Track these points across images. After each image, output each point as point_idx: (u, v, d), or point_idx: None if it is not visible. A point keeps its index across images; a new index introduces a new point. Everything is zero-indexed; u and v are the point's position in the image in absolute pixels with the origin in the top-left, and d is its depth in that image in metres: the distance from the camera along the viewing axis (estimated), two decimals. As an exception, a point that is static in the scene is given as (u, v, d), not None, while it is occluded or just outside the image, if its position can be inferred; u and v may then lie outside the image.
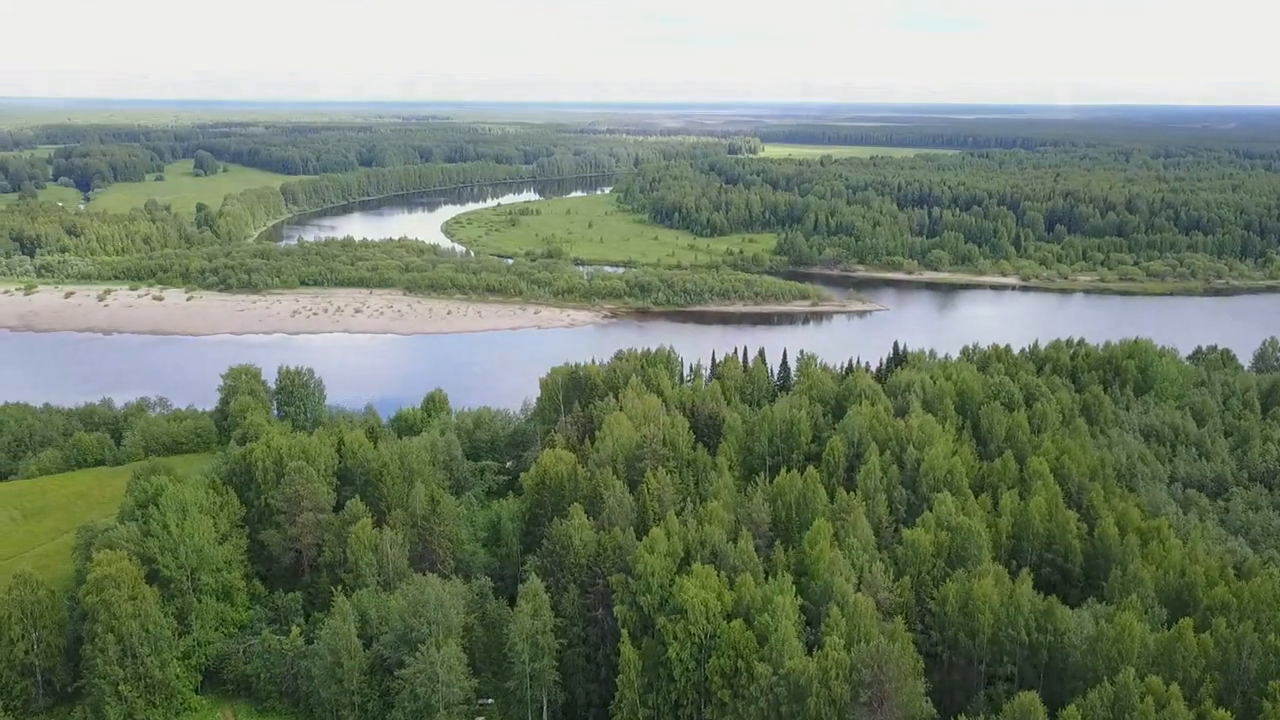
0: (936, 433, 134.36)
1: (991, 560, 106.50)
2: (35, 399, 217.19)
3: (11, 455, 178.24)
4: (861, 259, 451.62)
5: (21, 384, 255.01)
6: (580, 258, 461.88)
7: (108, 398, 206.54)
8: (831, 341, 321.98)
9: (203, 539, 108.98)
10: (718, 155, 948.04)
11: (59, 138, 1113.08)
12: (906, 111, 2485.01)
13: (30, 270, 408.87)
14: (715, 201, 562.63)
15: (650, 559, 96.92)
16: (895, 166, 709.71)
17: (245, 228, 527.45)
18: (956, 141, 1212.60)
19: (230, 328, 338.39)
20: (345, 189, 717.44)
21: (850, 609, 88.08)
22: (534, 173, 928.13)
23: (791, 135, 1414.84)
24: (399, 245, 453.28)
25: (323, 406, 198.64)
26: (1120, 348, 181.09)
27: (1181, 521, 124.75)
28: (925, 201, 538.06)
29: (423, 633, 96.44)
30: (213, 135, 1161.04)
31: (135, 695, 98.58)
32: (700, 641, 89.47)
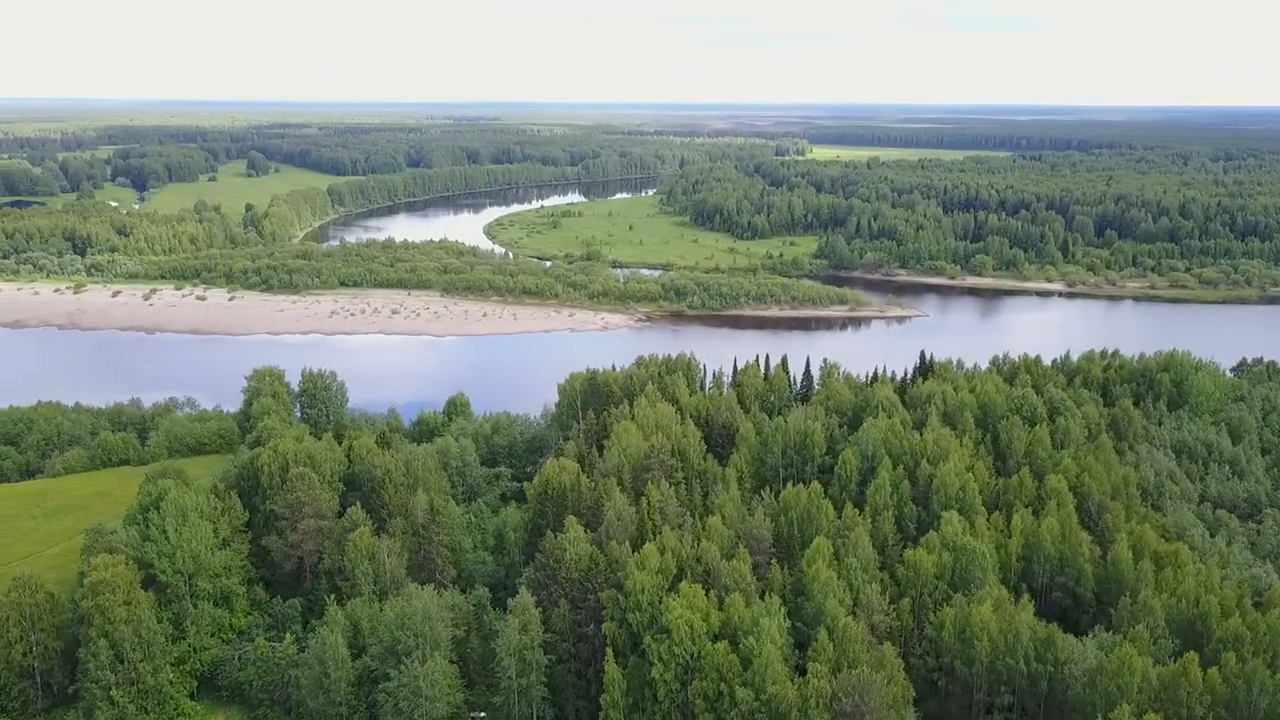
0: (952, 447, 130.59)
1: (998, 583, 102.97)
2: (71, 397, 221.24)
3: (40, 454, 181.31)
4: (903, 263, 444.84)
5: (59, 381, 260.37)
6: (618, 260, 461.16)
7: (136, 398, 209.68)
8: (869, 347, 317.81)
9: (200, 545, 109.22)
10: (764, 157, 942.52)
11: (120, 138, 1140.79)
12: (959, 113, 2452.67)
13: (81, 269, 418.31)
14: (757, 204, 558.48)
15: (640, 576, 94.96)
16: (943, 169, 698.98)
17: (290, 228, 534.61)
18: (1009, 143, 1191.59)
19: (268, 328, 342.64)
20: (391, 190, 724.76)
21: (839, 634, 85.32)
22: (579, 174, 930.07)
23: (841, 137, 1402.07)
24: (438, 247, 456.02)
25: (344, 409, 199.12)
26: (1155, 360, 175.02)
27: (1207, 545, 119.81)
28: (972, 205, 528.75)
29: (408, 645, 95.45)
30: (268, 136, 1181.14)
31: (127, 700, 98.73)
32: (685, 663, 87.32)
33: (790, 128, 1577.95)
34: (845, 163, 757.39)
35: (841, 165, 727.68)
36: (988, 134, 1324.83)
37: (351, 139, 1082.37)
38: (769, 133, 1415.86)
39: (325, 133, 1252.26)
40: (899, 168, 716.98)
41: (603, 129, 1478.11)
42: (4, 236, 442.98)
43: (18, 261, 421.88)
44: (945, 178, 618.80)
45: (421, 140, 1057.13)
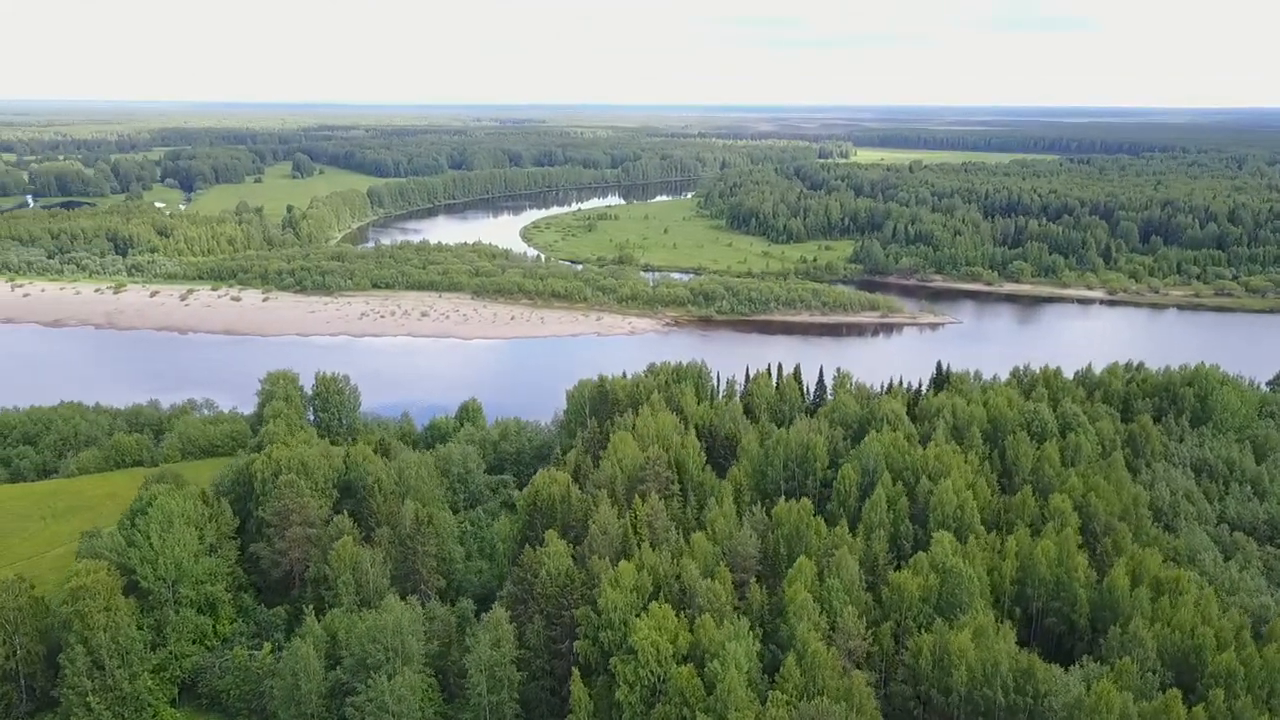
0: (954, 463, 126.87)
1: (987, 607, 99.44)
2: (97, 396, 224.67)
3: (57, 454, 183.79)
4: (939, 269, 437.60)
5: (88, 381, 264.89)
6: (650, 264, 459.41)
7: (154, 399, 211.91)
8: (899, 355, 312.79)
9: (183, 551, 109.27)
10: (806, 159, 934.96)
11: (173, 140, 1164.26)
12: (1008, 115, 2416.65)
13: (122, 269, 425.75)
14: (793, 207, 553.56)
15: (613, 593, 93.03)
16: (986, 173, 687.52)
17: (328, 230, 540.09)
18: (1058, 146, 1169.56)
19: (298, 329, 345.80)
20: (431, 192, 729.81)
21: (808, 659, 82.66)
22: (619, 177, 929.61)
23: (886, 139, 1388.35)
24: (471, 249, 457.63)
25: (357, 413, 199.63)
26: (1179, 373, 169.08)
27: (1218, 570, 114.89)
28: (1013, 210, 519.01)
29: (378, 659, 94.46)
30: (315, 138, 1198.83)
31: (103, 707, 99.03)
32: (651, 685, 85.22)
33: (835, 130, 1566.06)
34: (887, 166, 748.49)
35: (882, 169, 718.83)
36: (1037, 136, 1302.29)
37: (396, 141, 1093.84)
38: (813, 135, 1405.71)
39: (371, 134, 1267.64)
40: (941, 171, 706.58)
41: (646, 131, 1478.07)
42: (50, 237, 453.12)
43: (62, 261, 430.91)
44: (987, 181, 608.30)
45: (464, 143, 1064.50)
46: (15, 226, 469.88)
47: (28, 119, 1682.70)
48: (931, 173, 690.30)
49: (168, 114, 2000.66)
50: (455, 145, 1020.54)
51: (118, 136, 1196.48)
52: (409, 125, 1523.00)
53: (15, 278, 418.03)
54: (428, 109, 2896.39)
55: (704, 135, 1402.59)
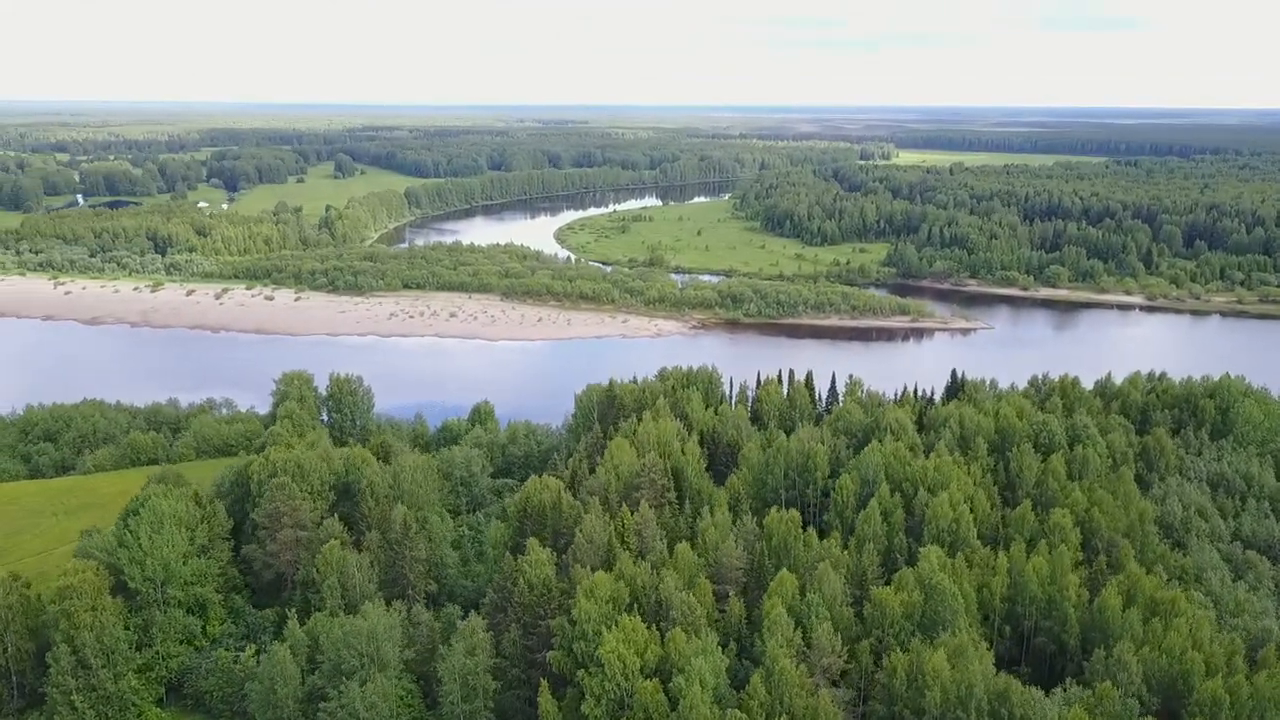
0: (954, 475, 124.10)
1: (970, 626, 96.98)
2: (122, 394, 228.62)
3: (75, 451, 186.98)
4: (974, 273, 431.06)
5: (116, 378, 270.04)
6: (681, 266, 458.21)
7: (174, 397, 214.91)
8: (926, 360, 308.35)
9: (172, 553, 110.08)
10: (847, 161, 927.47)
11: (221, 140, 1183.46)
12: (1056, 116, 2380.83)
13: (160, 268, 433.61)
14: (829, 209, 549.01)
15: (587, 604, 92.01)
16: (1028, 175, 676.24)
17: (364, 230, 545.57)
18: (1106, 148, 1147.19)
19: (328, 329, 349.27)
20: (468, 193, 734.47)
21: (775, 677, 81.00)
22: (656, 178, 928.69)
23: (930, 140, 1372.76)
24: (502, 251, 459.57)
25: (370, 415, 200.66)
26: (1201, 385, 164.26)
27: (1224, 590, 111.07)
28: (1054, 213, 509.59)
29: (352, 665, 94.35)
30: (359, 139, 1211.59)
31: (86, 706, 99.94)
32: (617, 699, 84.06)
33: (878, 131, 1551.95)
34: (927, 168, 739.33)
35: (922, 171, 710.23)
36: (1084, 138, 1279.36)
37: (438, 142, 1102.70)
38: (856, 136, 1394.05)
39: (415, 135, 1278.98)
40: (982, 174, 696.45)
41: (687, 132, 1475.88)
42: (93, 236, 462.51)
43: (103, 260, 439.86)
44: (1028, 184, 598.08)
45: (505, 143, 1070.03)
46: (60, 225, 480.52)
47: (83, 119, 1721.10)
48: (971, 175, 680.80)
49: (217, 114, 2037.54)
50: (495, 146, 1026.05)
51: (168, 137, 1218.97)
52: (452, 126, 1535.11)
53: (58, 275, 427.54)
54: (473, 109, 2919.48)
55: (744, 136, 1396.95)
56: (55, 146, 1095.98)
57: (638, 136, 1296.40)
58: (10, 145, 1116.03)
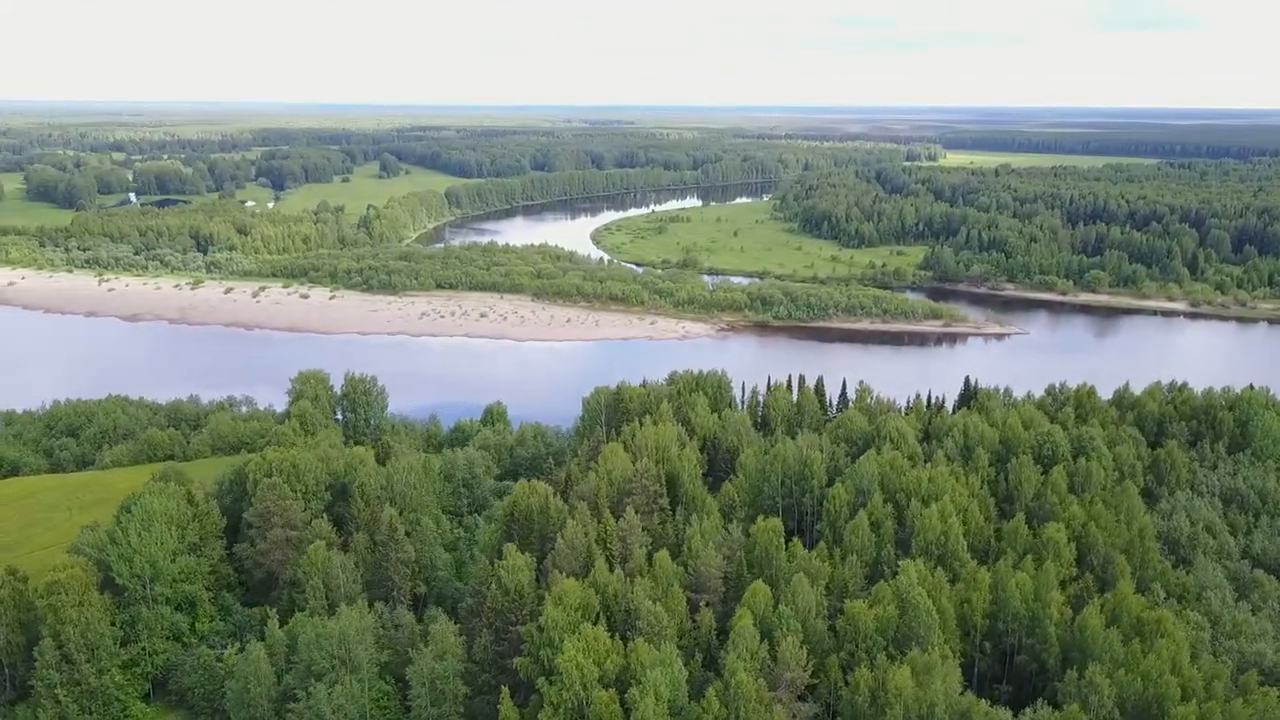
0: (949, 487, 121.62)
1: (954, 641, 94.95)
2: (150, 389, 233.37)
3: (95, 446, 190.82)
4: (1011, 277, 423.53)
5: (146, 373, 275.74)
6: (715, 267, 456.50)
7: (195, 394, 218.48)
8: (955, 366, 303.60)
9: (160, 550, 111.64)
10: (892, 162, 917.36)
11: (272, 140, 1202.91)
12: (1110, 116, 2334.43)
13: (201, 266, 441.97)
14: (867, 211, 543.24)
15: (555, 611, 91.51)
16: (1074, 178, 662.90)
17: (403, 230, 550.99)
18: (1161, 150, 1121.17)
19: (359, 327, 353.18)
20: (509, 193, 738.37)
21: (732, 690, 79.83)
22: (698, 178, 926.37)
23: (979, 142, 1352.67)
24: (536, 251, 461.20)
25: (384, 414, 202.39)
26: (1221, 396, 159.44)
27: (1223, 609, 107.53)
28: (1099, 216, 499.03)
29: (322, 667, 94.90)
30: (407, 139, 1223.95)
31: (70, 700, 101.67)
32: (575, 708, 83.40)
33: (927, 132, 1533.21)
34: (971, 170, 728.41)
35: (966, 172, 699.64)
36: (1138, 140, 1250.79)
37: (483, 142, 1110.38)
38: (903, 137, 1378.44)
39: (462, 135, 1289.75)
40: (1027, 175, 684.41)
41: (732, 132, 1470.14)
42: (138, 234, 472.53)
43: (147, 258, 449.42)
44: (1074, 187, 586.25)
45: (549, 144, 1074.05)
46: (107, 224, 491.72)
47: (142, 119, 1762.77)
48: (1016, 177, 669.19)
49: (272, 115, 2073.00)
50: (539, 146, 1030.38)
51: (221, 136, 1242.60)
52: (498, 126, 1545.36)
53: (104, 273, 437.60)
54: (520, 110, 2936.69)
55: (790, 137, 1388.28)
56: (113, 146, 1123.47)
57: (682, 137, 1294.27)
58: (71, 144, 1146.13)
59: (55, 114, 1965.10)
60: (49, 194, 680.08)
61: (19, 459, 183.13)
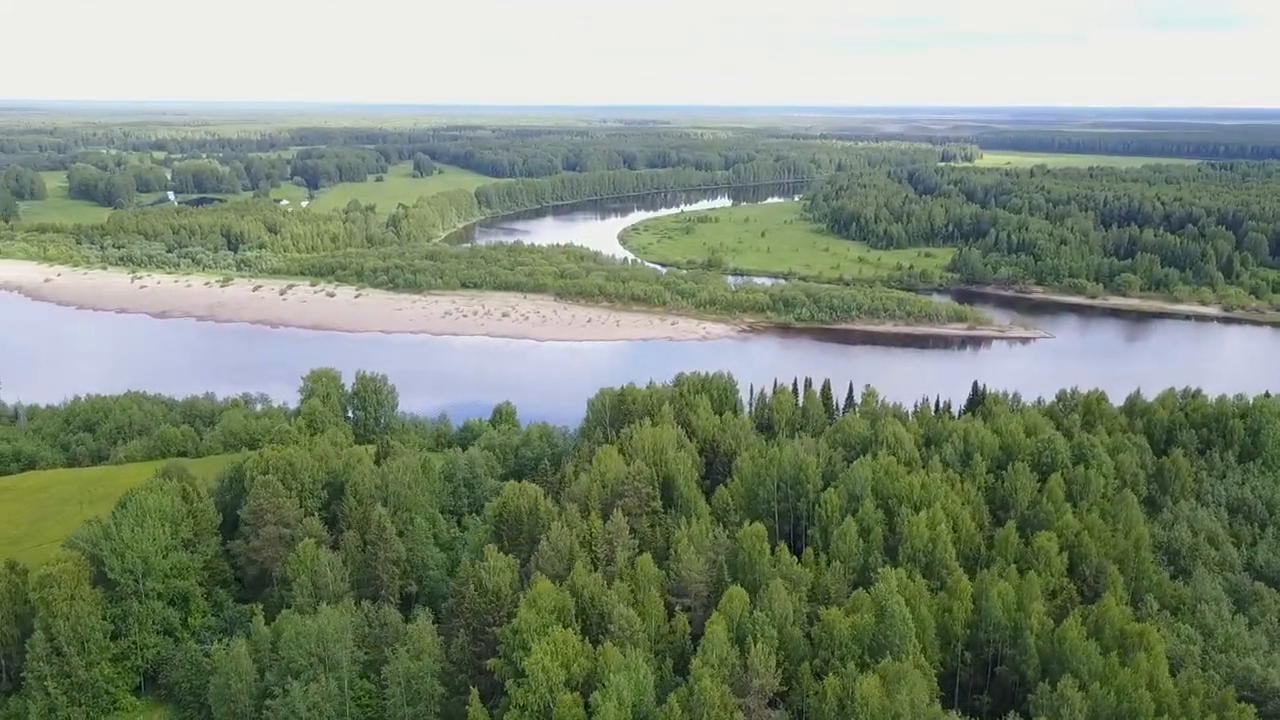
0: (941, 493, 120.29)
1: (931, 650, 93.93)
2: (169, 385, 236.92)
3: (111, 441, 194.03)
4: (1040, 280, 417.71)
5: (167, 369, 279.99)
6: (740, 268, 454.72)
7: (210, 391, 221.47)
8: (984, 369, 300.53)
9: (152, 546, 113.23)
10: (926, 162, 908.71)
11: (310, 139, 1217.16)
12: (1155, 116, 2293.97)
13: (231, 264, 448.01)
14: (896, 212, 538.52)
15: (528, 614, 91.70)
16: (1111, 179, 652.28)
17: (432, 229, 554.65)
18: (1204, 150, 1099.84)
19: (382, 326, 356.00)
20: (539, 193, 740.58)
21: (696, 695, 79.50)
22: (729, 178, 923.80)
23: (1018, 142, 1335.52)
24: (560, 251, 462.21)
25: (394, 413, 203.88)
26: (1233, 404, 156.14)
27: (1218, 623, 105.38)
28: (1133, 218, 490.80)
29: (300, 665, 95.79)
30: (442, 138, 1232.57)
31: (60, 692, 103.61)
32: (540, 711, 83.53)
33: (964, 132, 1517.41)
34: (1006, 170, 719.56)
35: (1000, 173, 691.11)
36: (1181, 140, 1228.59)
37: (517, 141, 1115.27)
38: (940, 137, 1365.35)
39: (496, 135, 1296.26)
40: (1062, 176, 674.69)
41: (767, 132, 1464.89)
42: (171, 232, 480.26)
43: (179, 255, 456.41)
44: (1109, 188, 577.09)
45: (581, 144, 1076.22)
46: (142, 222, 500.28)
47: (184, 119, 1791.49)
48: (1051, 178, 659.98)
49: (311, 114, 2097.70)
50: (572, 146, 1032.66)
51: (259, 136, 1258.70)
52: (533, 126, 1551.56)
53: (137, 270, 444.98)
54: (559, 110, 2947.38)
55: (825, 137, 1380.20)
56: (154, 145, 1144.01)
57: (715, 137, 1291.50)
58: (114, 143, 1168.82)
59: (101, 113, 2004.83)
60: (89, 192, 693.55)
61: (36, 453, 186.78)
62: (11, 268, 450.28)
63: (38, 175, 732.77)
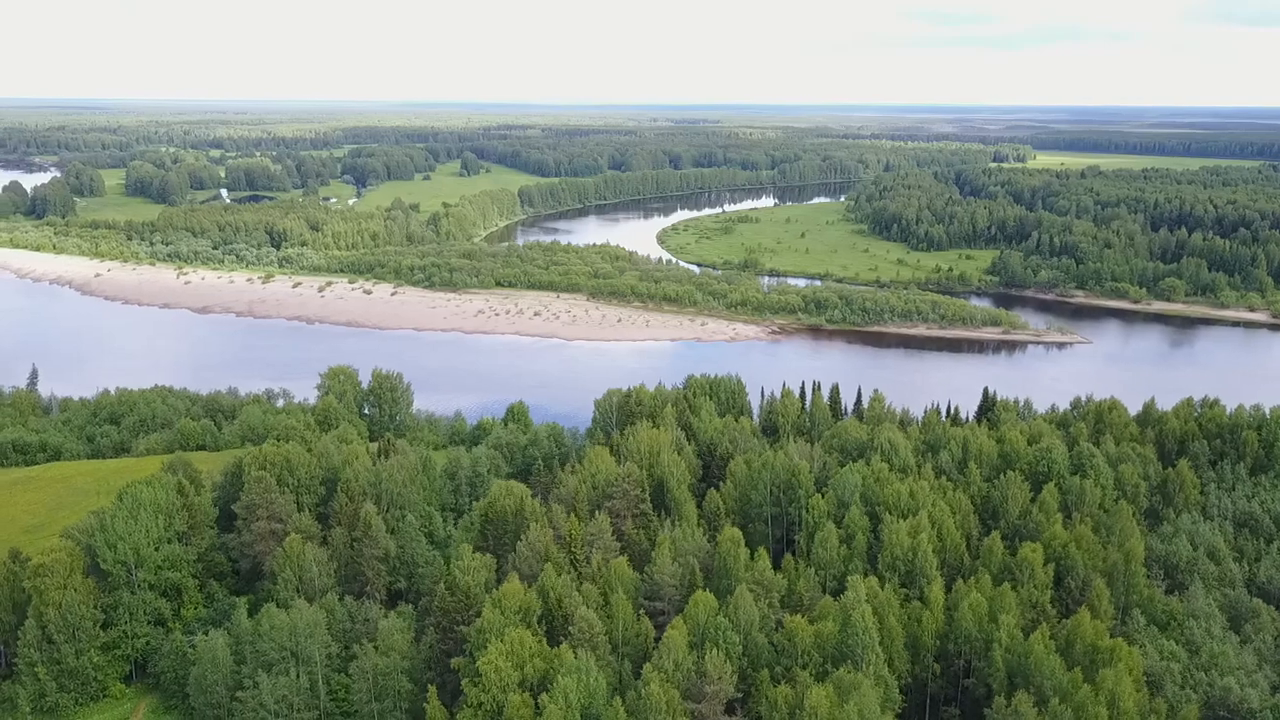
0: (928, 501, 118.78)
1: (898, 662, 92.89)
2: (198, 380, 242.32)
3: (134, 434, 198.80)
4: (1081, 284, 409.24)
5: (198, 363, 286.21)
6: (777, 269, 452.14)
7: (233, 386, 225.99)
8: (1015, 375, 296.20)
9: (145, 538, 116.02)
10: (976, 163, 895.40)
11: (362, 138, 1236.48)
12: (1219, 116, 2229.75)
13: (274, 261, 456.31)
14: (938, 214, 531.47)
15: (491, 614, 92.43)
16: (1164, 181, 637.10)
17: (472, 228, 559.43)
18: (1267, 151, 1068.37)
19: (415, 324, 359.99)
20: (581, 193, 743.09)
21: (643, 700, 79.52)
22: (774, 178, 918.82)
23: (1073, 142, 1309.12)
24: (595, 251, 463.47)
25: (409, 410, 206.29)
26: (1249, 415, 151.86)
27: (1204, 640, 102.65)
28: (1184, 221, 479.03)
29: (271, 658, 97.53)
30: (492, 137, 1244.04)
31: (49, 678, 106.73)
32: (493, 710, 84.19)
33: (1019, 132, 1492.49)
34: (1055, 172, 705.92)
35: (1049, 174, 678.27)
36: (1246, 141, 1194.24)
37: (564, 141, 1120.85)
38: (993, 137, 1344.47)
39: (546, 134, 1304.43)
40: (1113, 178, 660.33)
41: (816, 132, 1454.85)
42: (217, 229, 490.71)
43: (224, 252, 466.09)
44: (1161, 190, 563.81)
45: (628, 143, 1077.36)
46: (190, 219, 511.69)
47: (243, 117, 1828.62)
48: (1101, 179, 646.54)
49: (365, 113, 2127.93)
50: (619, 146, 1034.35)
51: (314, 135, 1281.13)
52: (583, 125, 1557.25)
53: (183, 266, 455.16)
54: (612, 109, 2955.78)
55: (875, 137, 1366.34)
56: (212, 143, 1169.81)
57: (764, 136, 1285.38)
58: (174, 141, 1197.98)
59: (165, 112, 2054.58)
60: (145, 189, 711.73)
61: (62, 444, 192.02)
62: (65, 263, 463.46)
63: (97, 173, 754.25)
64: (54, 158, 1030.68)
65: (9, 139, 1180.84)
